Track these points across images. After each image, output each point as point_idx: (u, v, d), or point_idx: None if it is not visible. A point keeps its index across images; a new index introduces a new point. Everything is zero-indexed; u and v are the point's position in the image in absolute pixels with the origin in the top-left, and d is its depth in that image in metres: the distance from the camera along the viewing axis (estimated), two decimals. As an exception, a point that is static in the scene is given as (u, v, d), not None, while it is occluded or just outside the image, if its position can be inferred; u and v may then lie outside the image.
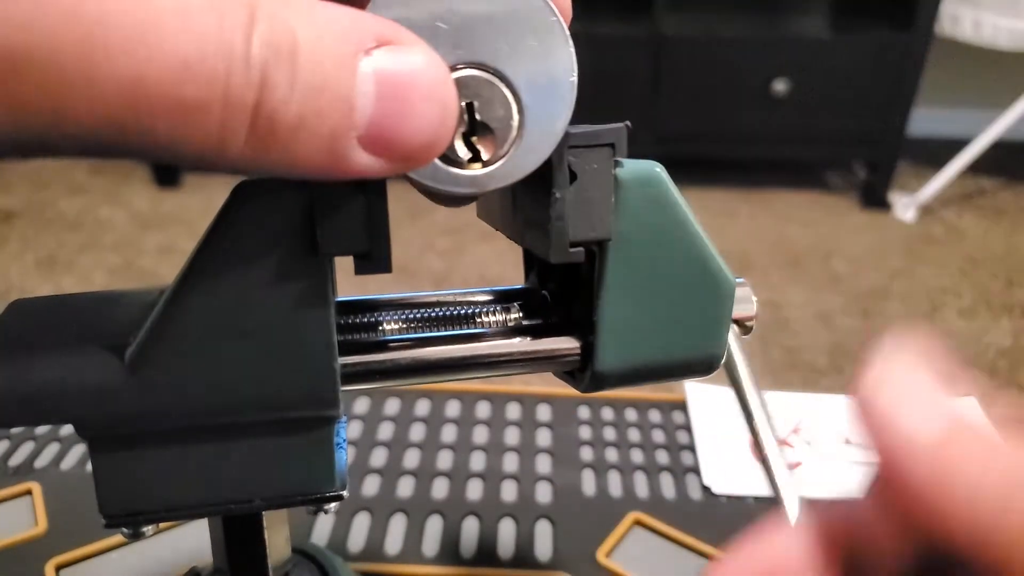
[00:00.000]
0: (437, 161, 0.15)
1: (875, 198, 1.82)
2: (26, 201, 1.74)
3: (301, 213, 0.16)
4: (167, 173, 1.82)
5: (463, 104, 0.15)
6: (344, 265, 0.17)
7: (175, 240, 1.60)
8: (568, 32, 0.16)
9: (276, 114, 0.13)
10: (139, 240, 1.61)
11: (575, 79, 0.16)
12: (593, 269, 0.19)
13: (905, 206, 1.79)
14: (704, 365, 0.21)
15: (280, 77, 0.13)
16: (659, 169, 0.18)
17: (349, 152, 0.14)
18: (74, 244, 1.58)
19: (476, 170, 0.16)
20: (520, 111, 0.16)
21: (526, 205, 0.19)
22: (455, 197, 0.17)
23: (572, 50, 0.16)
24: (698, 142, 1.79)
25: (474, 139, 0.16)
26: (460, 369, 0.20)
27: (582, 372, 0.20)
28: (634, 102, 1.74)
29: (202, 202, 1.75)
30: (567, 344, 0.20)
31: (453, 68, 0.15)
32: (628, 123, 0.17)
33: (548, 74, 0.16)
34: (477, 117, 0.15)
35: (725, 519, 0.38)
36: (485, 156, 0.16)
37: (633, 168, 0.18)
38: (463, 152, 0.16)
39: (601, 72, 1.65)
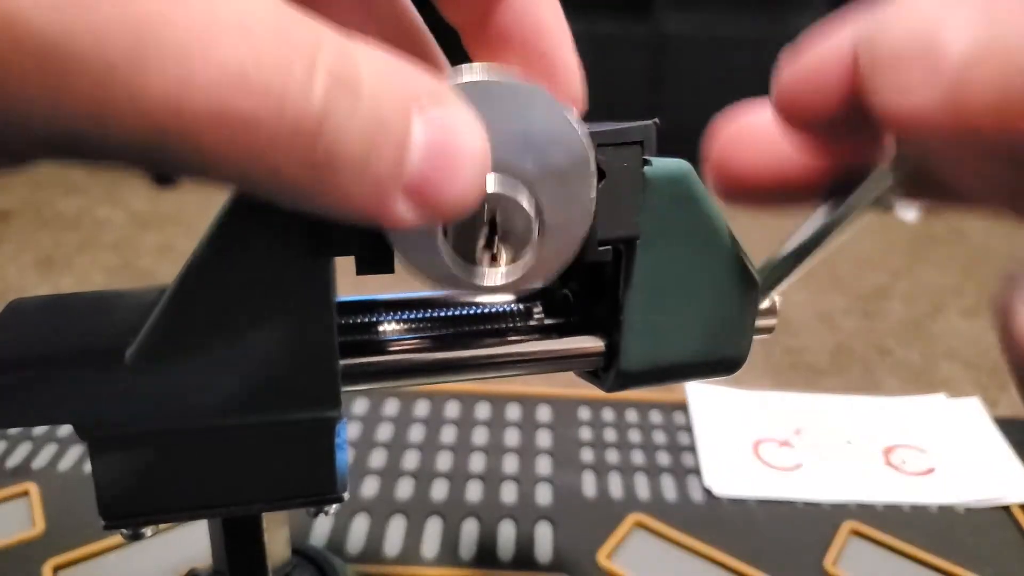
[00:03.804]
0: (459, 266, 0.16)
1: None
2: (23, 200, 1.74)
3: (302, 213, 0.16)
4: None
5: (486, 211, 0.16)
6: (345, 265, 0.17)
7: (173, 240, 1.60)
8: (593, 160, 0.16)
9: (336, 145, 0.13)
10: (137, 240, 1.60)
11: (594, 196, 0.17)
12: (618, 267, 0.19)
13: (907, 206, 1.79)
14: (729, 364, 0.21)
15: (343, 108, 0.13)
16: (688, 167, 0.18)
17: (394, 199, 0.14)
18: (72, 244, 1.57)
19: (496, 276, 0.16)
20: (541, 221, 0.16)
21: None
22: (474, 300, 0.18)
23: (595, 171, 0.16)
24: (698, 141, 1.79)
25: (495, 246, 0.16)
26: (484, 368, 0.20)
27: (606, 371, 0.20)
28: (634, 101, 1.73)
29: (200, 202, 1.74)
30: (591, 343, 0.20)
31: None
32: (656, 120, 0.17)
33: (570, 195, 0.16)
34: (499, 225, 0.16)
35: (726, 521, 0.38)
36: (505, 263, 0.16)
37: (662, 166, 0.18)
38: (484, 258, 0.16)
39: (601, 71, 1.65)
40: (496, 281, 0.16)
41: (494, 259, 0.16)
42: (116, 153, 0.12)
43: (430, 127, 0.14)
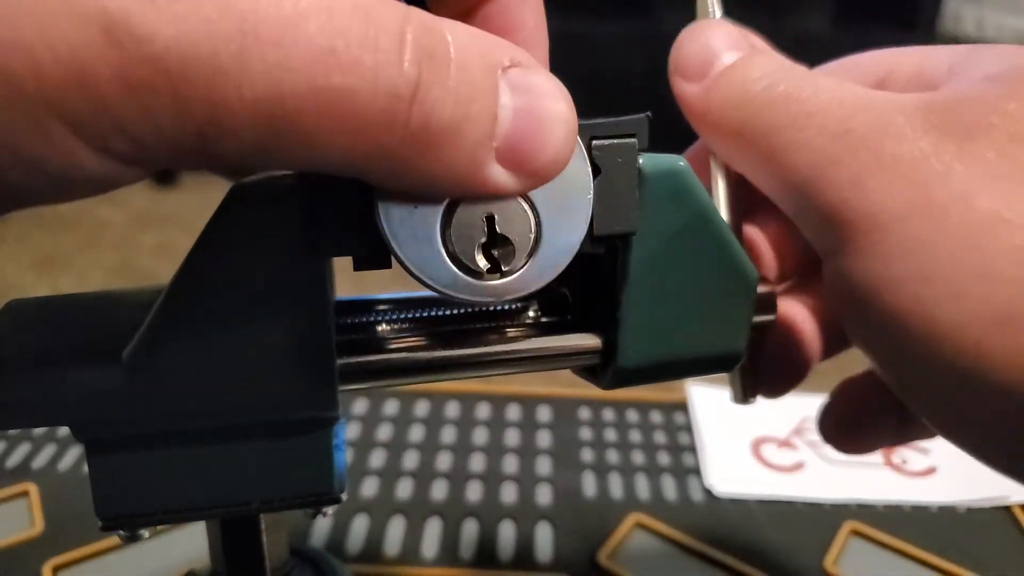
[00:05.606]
0: (457, 271, 0.16)
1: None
2: (24, 200, 1.73)
3: (298, 212, 0.16)
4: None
5: (484, 217, 0.16)
6: (343, 267, 0.17)
7: (173, 239, 1.60)
8: (586, 153, 0.16)
9: (431, 113, 0.13)
10: (137, 239, 1.60)
11: (591, 197, 0.16)
12: (614, 264, 0.19)
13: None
14: (726, 359, 0.20)
15: (435, 78, 0.13)
16: (683, 162, 0.18)
17: (487, 164, 0.14)
18: (71, 243, 1.57)
19: (494, 280, 0.16)
20: (538, 226, 0.16)
21: None
22: (472, 304, 0.18)
23: (589, 169, 0.16)
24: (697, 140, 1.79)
25: (493, 251, 0.16)
26: (482, 366, 0.19)
27: (604, 369, 0.20)
28: (633, 101, 1.73)
29: (200, 201, 1.74)
30: (588, 341, 0.20)
31: None
32: (649, 114, 0.17)
33: (565, 192, 0.16)
34: (497, 230, 0.16)
35: (727, 521, 0.38)
36: (503, 268, 0.16)
37: (656, 161, 0.18)
38: (482, 263, 0.16)
39: (600, 70, 1.64)
40: (494, 283, 0.16)
41: (492, 261, 0.16)
42: (235, 153, 0.13)
43: (517, 91, 0.14)
